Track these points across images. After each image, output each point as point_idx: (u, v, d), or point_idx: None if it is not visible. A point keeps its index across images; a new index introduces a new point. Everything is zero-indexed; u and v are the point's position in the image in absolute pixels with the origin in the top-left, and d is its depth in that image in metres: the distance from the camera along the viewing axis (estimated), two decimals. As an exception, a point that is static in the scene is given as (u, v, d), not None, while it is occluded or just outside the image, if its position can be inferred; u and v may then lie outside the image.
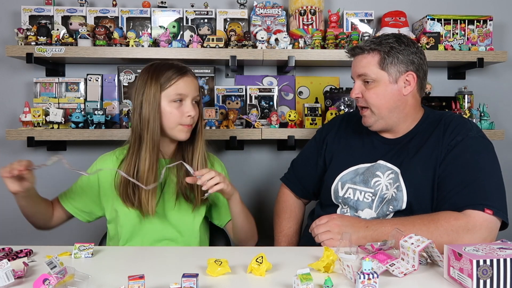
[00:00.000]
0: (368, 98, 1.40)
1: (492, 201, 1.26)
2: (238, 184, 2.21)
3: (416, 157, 1.39)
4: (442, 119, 1.43)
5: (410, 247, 1.02)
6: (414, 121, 1.46)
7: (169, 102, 1.40)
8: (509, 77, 2.29)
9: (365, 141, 1.51)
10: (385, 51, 1.38)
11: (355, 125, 1.57)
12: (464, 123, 1.41)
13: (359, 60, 1.42)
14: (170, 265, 1.15)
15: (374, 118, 1.42)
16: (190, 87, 1.42)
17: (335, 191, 1.50)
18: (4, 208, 2.17)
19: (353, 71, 1.45)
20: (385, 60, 1.38)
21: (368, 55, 1.40)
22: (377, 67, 1.38)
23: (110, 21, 2.07)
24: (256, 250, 1.18)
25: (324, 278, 0.93)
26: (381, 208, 1.40)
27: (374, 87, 1.39)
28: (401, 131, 1.46)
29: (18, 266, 1.03)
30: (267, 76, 2.19)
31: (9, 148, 2.17)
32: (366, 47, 1.41)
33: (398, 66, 1.38)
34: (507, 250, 0.96)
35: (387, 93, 1.39)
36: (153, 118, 1.39)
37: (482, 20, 2.10)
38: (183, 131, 1.43)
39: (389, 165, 1.42)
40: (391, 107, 1.40)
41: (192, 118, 1.42)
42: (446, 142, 1.37)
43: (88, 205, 1.51)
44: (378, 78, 1.38)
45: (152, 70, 1.42)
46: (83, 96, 2.07)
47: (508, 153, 2.28)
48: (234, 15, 2.09)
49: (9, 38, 2.11)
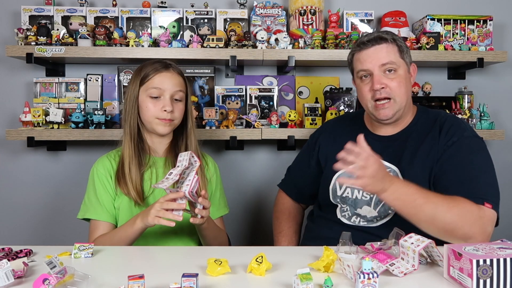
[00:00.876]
0: (393, 87, 1.39)
1: (490, 196, 1.29)
2: (238, 184, 2.23)
3: (415, 157, 1.40)
4: (437, 119, 1.45)
5: (410, 246, 1.02)
6: (410, 116, 1.49)
7: (146, 97, 1.45)
8: (509, 77, 2.29)
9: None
10: (399, 41, 1.43)
11: (349, 126, 1.59)
12: (458, 123, 1.44)
13: (379, 49, 1.40)
14: (170, 265, 1.15)
15: (396, 108, 1.41)
16: (168, 83, 1.45)
17: (333, 191, 1.50)
18: (4, 208, 2.17)
19: (371, 61, 1.40)
20: (403, 49, 1.43)
21: (390, 44, 1.41)
22: (398, 55, 1.41)
23: (110, 21, 2.07)
24: (256, 250, 1.18)
25: (324, 278, 0.93)
26: (382, 206, 1.41)
27: (397, 76, 1.40)
28: (399, 126, 1.48)
29: (18, 266, 1.03)
30: (267, 76, 2.19)
31: (9, 148, 2.17)
32: (387, 37, 1.41)
33: (408, 56, 1.44)
34: (507, 250, 0.96)
35: (407, 82, 1.42)
36: (131, 111, 1.46)
37: (482, 20, 2.10)
38: (160, 125, 1.45)
39: (387, 164, 1.41)
40: (408, 96, 1.43)
41: (170, 113, 1.44)
42: (443, 142, 1.39)
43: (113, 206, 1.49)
44: (400, 67, 1.41)
45: (138, 69, 1.49)
46: (83, 96, 2.07)
47: (508, 153, 2.28)
48: (234, 15, 2.09)
49: (9, 38, 2.11)
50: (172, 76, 1.47)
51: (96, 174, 1.48)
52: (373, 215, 1.42)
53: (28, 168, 2.17)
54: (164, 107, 1.43)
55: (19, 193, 2.17)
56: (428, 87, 2.18)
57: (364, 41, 1.43)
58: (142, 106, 1.46)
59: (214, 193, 1.58)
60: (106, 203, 1.45)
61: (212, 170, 1.59)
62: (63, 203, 2.18)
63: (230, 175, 2.19)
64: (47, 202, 2.18)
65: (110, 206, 1.45)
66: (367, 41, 1.42)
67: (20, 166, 2.17)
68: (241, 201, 2.24)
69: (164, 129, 1.46)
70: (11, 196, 2.18)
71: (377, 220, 1.43)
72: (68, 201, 2.16)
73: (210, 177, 1.57)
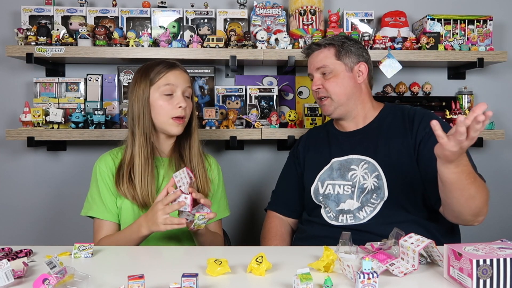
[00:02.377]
0: (328, 87, 1.54)
1: (481, 175, 1.34)
2: (238, 184, 2.23)
3: (389, 146, 1.48)
4: (405, 111, 1.55)
5: (410, 246, 1.02)
6: (373, 110, 1.59)
7: (159, 95, 1.44)
8: (509, 77, 2.29)
9: (331, 139, 1.62)
10: (339, 44, 1.56)
11: (319, 132, 1.70)
12: (429, 112, 1.54)
13: (316, 55, 1.58)
14: (170, 265, 1.15)
15: (334, 105, 1.55)
16: (179, 79, 1.46)
17: (315, 191, 1.55)
18: (4, 208, 2.17)
19: (310, 67, 1.60)
20: (340, 52, 1.55)
21: (325, 49, 1.57)
22: (334, 58, 1.55)
23: (110, 21, 2.07)
24: (256, 250, 1.18)
25: (324, 278, 0.93)
26: (364, 197, 1.46)
27: (332, 76, 1.54)
28: (361, 120, 1.58)
29: (17, 266, 1.03)
30: (267, 76, 2.19)
31: (9, 148, 2.17)
32: (322, 43, 1.59)
33: (352, 57, 1.55)
34: (507, 250, 0.96)
35: (344, 81, 1.54)
36: (143, 113, 1.43)
37: (482, 20, 2.10)
38: (174, 125, 1.45)
39: (362, 157, 1.50)
40: (349, 94, 1.54)
41: (184, 109, 1.44)
42: (421, 131, 1.46)
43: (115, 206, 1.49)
44: (335, 68, 1.54)
45: (142, 69, 1.48)
46: (83, 96, 2.07)
47: (508, 153, 2.28)
48: (234, 15, 2.09)
49: (9, 38, 2.11)
50: (180, 73, 1.48)
51: (98, 172, 1.47)
52: (356, 206, 1.46)
53: (28, 168, 2.17)
54: (178, 103, 1.43)
55: (19, 193, 2.17)
56: (428, 87, 2.18)
57: (306, 47, 1.65)
58: (155, 106, 1.44)
59: (215, 195, 1.57)
60: (109, 202, 1.45)
61: (215, 172, 1.58)
62: (63, 203, 2.18)
63: (230, 175, 2.19)
64: (47, 202, 2.18)
65: (112, 205, 1.45)
66: (307, 49, 1.64)
67: (20, 166, 2.17)
68: (241, 201, 2.24)
69: (177, 129, 1.46)
70: (11, 196, 2.18)
71: (363, 217, 1.45)
72: (68, 201, 2.16)
73: (213, 179, 1.56)
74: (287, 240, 1.66)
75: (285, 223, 1.69)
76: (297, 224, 1.70)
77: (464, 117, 1.03)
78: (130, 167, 1.43)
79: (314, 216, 1.55)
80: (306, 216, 1.62)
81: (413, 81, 2.20)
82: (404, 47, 2.03)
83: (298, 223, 1.67)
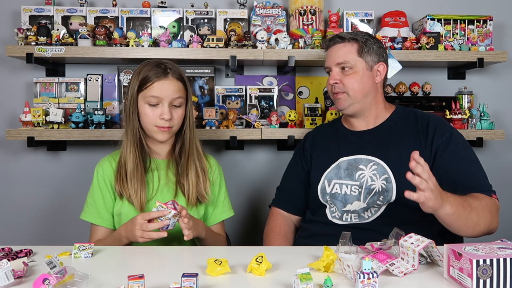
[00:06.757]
0: (347, 83, 1.51)
1: (491, 187, 1.38)
2: (238, 184, 2.23)
3: (400, 149, 1.46)
4: (418, 115, 1.54)
5: (410, 246, 1.02)
6: (385, 111, 1.57)
7: (145, 104, 1.43)
8: (509, 77, 2.29)
9: (340, 138, 1.60)
10: (362, 41, 1.52)
11: (327, 129, 1.68)
12: (443, 120, 1.54)
13: (338, 48, 1.54)
14: (169, 265, 1.15)
15: (350, 101, 1.52)
16: (167, 91, 1.42)
17: (322, 189, 1.54)
18: (4, 208, 2.17)
19: (330, 60, 1.56)
20: (363, 49, 1.52)
21: (348, 43, 1.53)
22: (356, 54, 1.52)
23: (110, 21, 2.07)
24: (256, 249, 1.18)
25: (324, 277, 0.93)
26: (371, 198, 1.45)
27: (352, 73, 1.51)
28: (372, 120, 1.56)
29: (18, 266, 1.03)
30: (267, 76, 2.19)
31: (9, 148, 2.17)
32: (346, 37, 1.54)
33: (373, 56, 1.53)
34: (507, 250, 0.96)
35: (364, 79, 1.51)
36: (131, 115, 1.44)
37: (482, 20, 2.10)
38: (158, 133, 1.44)
39: (371, 158, 1.49)
40: (366, 93, 1.52)
41: (168, 121, 1.42)
42: (436, 140, 1.45)
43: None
44: (356, 65, 1.51)
45: (138, 70, 1.46)
46: (83, 96, 2.07)
47: (508, 153, 2.28)
48: (234, 15, 2.09)
49: (9, 38, 2.11)
50: (171, 83, 1.42)
51: (96, 177, 1.49)
52: (362, 207, 1.46)
53: (28, 168, 2.17)
54: (162, 115, 1.41)
55: (19, 193, 2.17)
56: (428, 87, 2.18)
57: (330, 38, 1.61)
58: (141, 111, 1.44)
59: (218, 196, 1.57)
60: (102, 208, 1.47)
61: (216, 173, 1.57)
62: (63, 203, 2.18)
63: (230, 175, 2.19)
64: (47, 202, 2.18)
65: (105, 212, 1.47)
66: (329, 40, 1.59)
67: (20, 166, 2.17)
68: (241, 201, 2.24)
69: (162, 137, 1.46)
70: (11, 196, 2.18)
71: (368, 216, 1.45)
72: (68, 201, 2.16)
73: (214, 180, 1.56)
74: (290, 239, 1.66)
75: (288, 221, 1.68)
76: (300, 221, 1.69)
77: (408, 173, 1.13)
78: (125, 169, 1.44)
79: (318, 216, 1.55)
80: (309, 216, 1.61)
81: (413, 81, 2.20)
82: (404, 47, 2.03)
83: (301, 222, 1.67)
